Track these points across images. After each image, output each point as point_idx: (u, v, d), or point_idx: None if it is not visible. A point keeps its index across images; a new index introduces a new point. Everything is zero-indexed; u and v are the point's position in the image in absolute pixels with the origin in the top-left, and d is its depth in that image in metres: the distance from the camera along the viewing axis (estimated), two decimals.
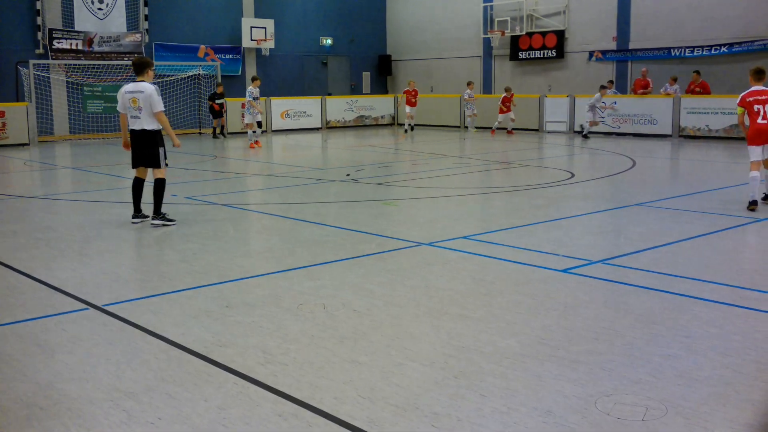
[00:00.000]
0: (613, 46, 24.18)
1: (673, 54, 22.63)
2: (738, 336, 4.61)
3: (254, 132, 19.06)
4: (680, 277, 6.06)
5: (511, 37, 26.41)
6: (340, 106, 27.08)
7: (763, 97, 9.14)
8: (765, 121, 9.07)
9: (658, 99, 20.99)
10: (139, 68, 8.55)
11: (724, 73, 21.58)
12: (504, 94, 23.06)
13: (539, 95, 24.18)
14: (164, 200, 8.63)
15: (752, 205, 9.01)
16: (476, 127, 24.39)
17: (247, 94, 18.75)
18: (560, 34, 25.32)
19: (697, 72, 20.79)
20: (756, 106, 9.12)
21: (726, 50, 21.42)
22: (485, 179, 13.15)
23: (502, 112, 23.02)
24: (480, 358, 4.29)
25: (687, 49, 22.23)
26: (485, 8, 27.07)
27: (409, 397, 3.78)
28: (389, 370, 4.15)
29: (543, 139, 21.40)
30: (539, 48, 25.92)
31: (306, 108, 25.98)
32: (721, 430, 3.37)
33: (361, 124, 27.43)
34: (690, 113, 20.17)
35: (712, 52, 21.69)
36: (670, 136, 20.55)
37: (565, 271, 6.28)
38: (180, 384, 3.96)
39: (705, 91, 20.44)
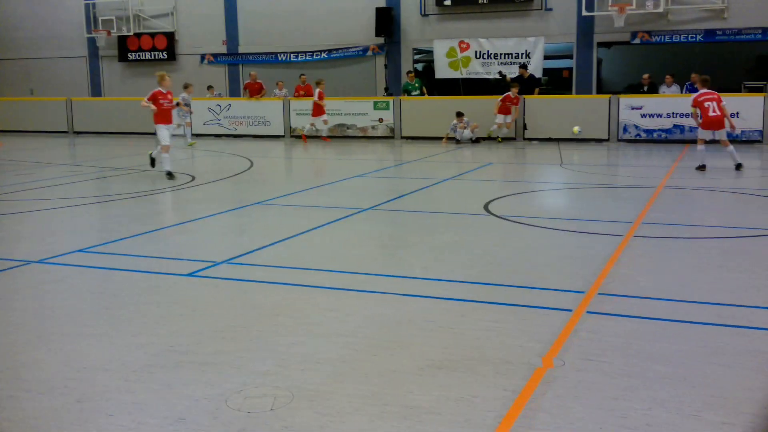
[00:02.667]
0: (224, 49, 24.72)
1: (280, 59, 23.97)
2: (352, 317, 5.05)
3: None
4: (300, 268, 6.43)
5: (119, 37, 25.37)
6: None
7: (712, 97, 12.66)
8: (714, 114, 12.60)
9: (270, 102, 22.01)
10: None
11: (324, 77, 23.51)
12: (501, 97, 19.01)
13: None
14: None
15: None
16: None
17: (181, 99, 17.09)
18: (170, 36, 25.07)
19: (303, 75, 22.26)
20: (707, 104, 12.63)
21: (326, 56, 23.39)
22: (102, 187, 12.43)
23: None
24: (104, 377, 4.04)
25: (292, 54, 23.75)
26: (87, 6, 25.56)
27: (24, 430, 3.40)
28: None
29: None
30: (149, 49, 25.34)
31: None
32: (342, 405, 3.66)
33: None
34: (299, 115, 21.54)
35: (314, 57, 23.50)
36: (283, 136, 21.71)
37: (191, 274, 6.23)
38: None
39: (309, 93, 21.92)
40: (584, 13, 20.46)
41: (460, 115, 19.20)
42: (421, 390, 3.83)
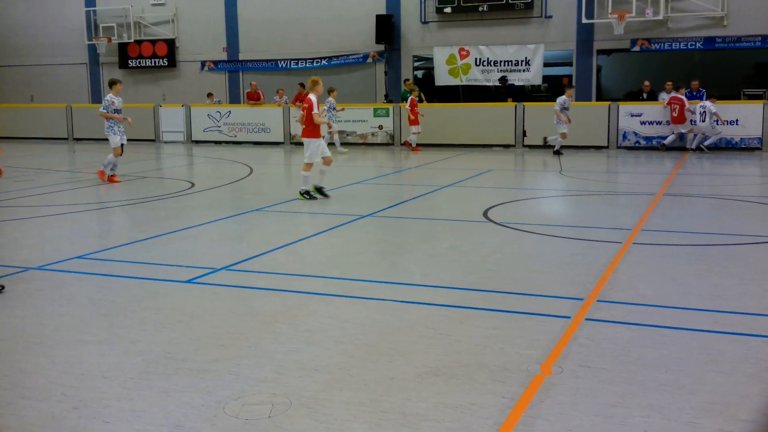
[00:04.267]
0: (224, 56, 24.78)
1: (280, 66, 24.02)
2: (350, 323, 5.05)
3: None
4: (299, 275, 6.43)
5: (119, 44, 25.44)
6: None
7: None
8: None
9: (269, 108, 22.05)
10: None
11: (325, 84, 23.54)
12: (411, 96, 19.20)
13: (153, 105, 23.69)
14: None
15: None
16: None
17: (327, 104, 17.51)
18: (170, 43, 25.14)
19: (302, 84, 22.26)
20: None
21: (326, 63, 23.43)
22: (101, 194, 12.44)
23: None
24: (102, 384, 4.04)
25: (292, 61, 23.80)
26: (88, 13, 25.64)
27: None
28: None
29: (161, 150, 21.01)
30: (150, 56, 25.41)
31: None
32: (339, 412, 3.65)
33: None
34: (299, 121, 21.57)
35: (314, 64, 23.54)
36: (282, 143, 21.73)
37: (189, 281, 6.23)
38: None
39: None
40: (584, 20, 20.51)
41: (571, 86, 18.05)
42: (419, 397, 3.82)
